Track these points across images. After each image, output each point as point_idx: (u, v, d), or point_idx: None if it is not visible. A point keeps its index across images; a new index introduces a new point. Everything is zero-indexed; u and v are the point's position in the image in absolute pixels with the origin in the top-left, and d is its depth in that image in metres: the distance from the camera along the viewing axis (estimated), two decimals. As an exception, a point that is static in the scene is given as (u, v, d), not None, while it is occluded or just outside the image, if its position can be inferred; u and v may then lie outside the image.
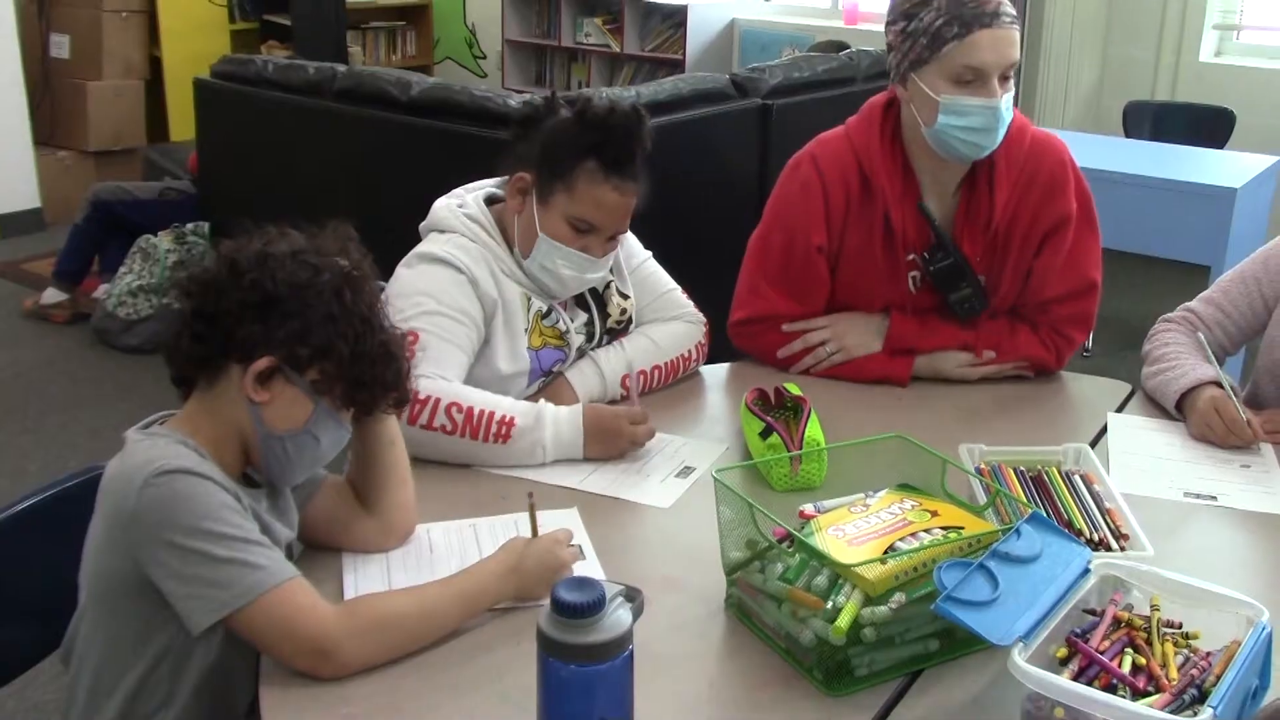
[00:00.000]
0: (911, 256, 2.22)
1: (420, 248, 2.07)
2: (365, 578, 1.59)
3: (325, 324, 1.46)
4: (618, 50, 7.62)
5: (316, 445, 1.52)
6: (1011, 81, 2.10)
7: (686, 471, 1.91)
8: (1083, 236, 2.25)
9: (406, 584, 1.56)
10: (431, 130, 3.97)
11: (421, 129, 4.01)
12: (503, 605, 1.52)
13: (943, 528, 1.48)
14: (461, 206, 2.11)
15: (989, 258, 2.22)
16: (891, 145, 2.20)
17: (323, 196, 4.35)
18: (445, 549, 1.67)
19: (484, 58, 8.48)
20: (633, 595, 1.16)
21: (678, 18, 7.28)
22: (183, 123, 6.44)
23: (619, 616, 1.09)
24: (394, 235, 2.16)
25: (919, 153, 2.18)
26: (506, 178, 2.15)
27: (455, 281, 2.00)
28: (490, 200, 2.15)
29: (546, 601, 1.11)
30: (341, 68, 4.39)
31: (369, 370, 1.49)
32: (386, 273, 2.14)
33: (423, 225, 2.13)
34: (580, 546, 1.65)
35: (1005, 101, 2.08)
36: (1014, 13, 2.08)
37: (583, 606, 1.07)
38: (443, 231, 2.08)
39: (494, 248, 2.07)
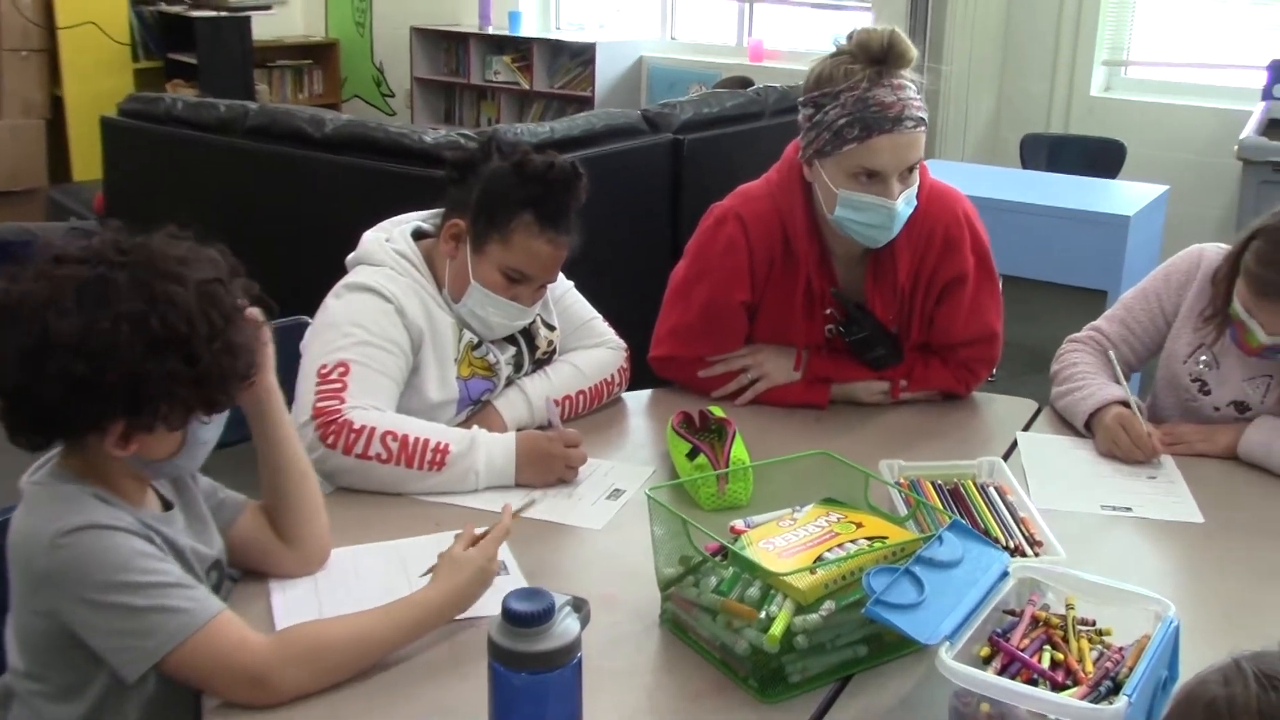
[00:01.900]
0: (829, 310, 2.28)
1: (348, 279, 2.09)
2: (295, 601, 1.61)
3: (147, 381, 1.36)
4: (527, 88, 7.68)
5: (202, 444, 1.49)
6: (916, 171, 2.13)
7: (616, 494, 1.95)
8: (981, 289, 2.32)
9: (335, 607, 1.57)
10: (347, 167, 3.98)
11: (337, 165, 4.02)
12: None
13: (868, 538, 1.54)
14: (389, 241, 2.14)
15: (899, 314, 2.29)
16: (810, 212, 2.23)
17: (236, 234, 4.30)
18: (370, 571, 1.69)
19: (392, 95, 8.49)
20: (579, 605, 1.19)
21: (586, 55, 7.37)
22: (86, 162, 6.36)
23: (568, 625, 1.13)
24: (310, 271, 2.18)
25: (828, 222, 2.20)
26: (434, 212, 2.19)
27: (383, 311, 2.02)
28: (418, 234, 2.18)
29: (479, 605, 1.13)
30: (253, 105, 4.37)
31: (218, 386, 1.42)
32: (303, 309, 2.16)
33: (350, 258, 2.15)
34: (504, 563, 1.69)
35: (905, 197, 2.10)
36: (920, 115, 2.08)
37: (533, 615, 1.10)
38: (371, 264, 2.10)
39: (422, 283, 2.10)
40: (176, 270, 1.40)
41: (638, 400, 2.38)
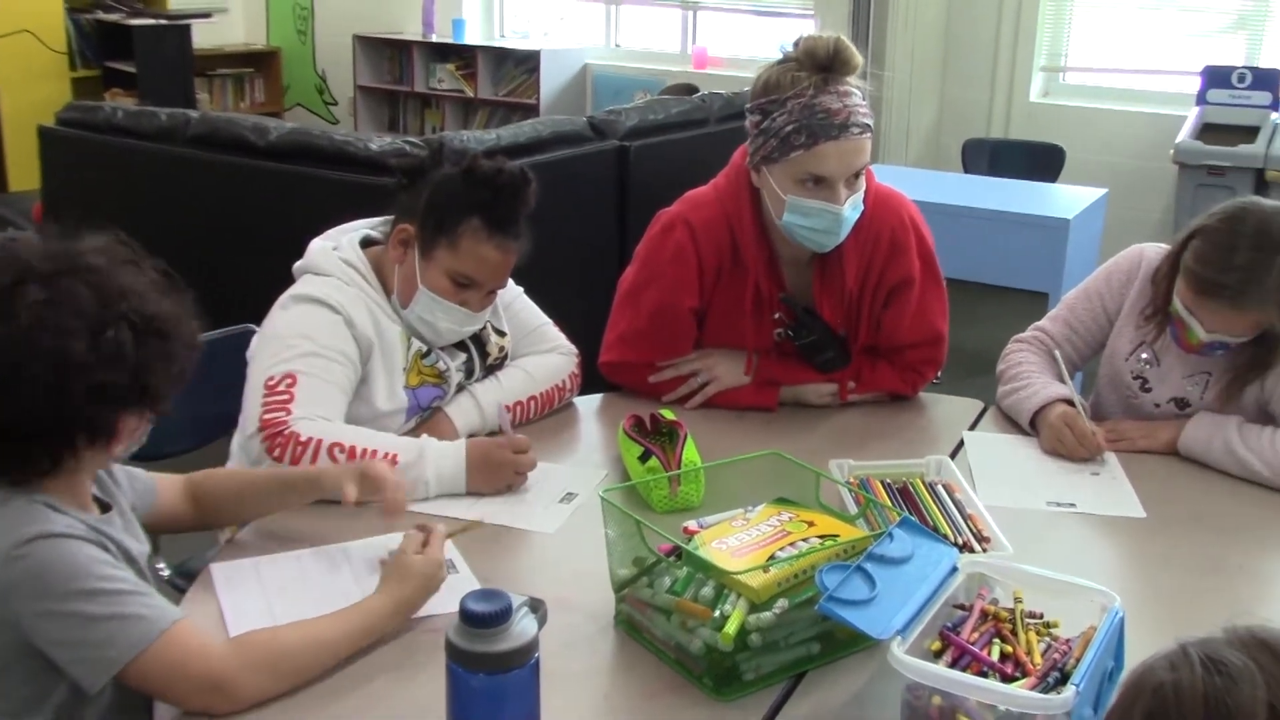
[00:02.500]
0: (777, 315, 2.30)
1: (295, 289, 2.07)
2: (245, 605, 1.61)
3: (148, 368, 1.41)
4: (472, 95, 7.67)
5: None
6: (863, 177, 2.15)
7: (569, 497, 1.95)
8: (927, 291, 2.35)
9: (285, 610, 1.57)
10: (291, 175, 3.95)
11: (281, 174, 3.99)
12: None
13: (819, 536, 1.56)
14: (336, 249, 2.13)
15: (846, 317, 2.31)
16: (758, 218, 2.24)
17: (178, 243, 4.26)
18: (318, 572, 1.70)
19: (335, 104, 8.44)
20: (537, 605, 1.20)
21: (531, 63, 7.38)
22: (23, 172, 6.27)
23: (525, 625, 1.13)
24: (255, 279, 2.17)
25: (776, 228, 2.22)
26: (383, 219, 2.18)
27: (331, 322, 2.01)
28: (366, 242, 2.17)
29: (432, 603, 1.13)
30: (195, 114, 4.33)
31: (159, 398, 1.45)
32: (249, 318, 2.14)
33: (297, 266, 2.14)
34: (452, 561, 1.70)
35: (852, 202, 2.12)
36: (866, 122, 2.10)
37: (490, 616, 1.10)
38: (318, 274, 2.09)
39: (370, 292, 2.09)
40: (93, 270, 1.42)
41: (589, 405, 2.39)
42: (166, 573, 2.27)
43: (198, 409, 2.34)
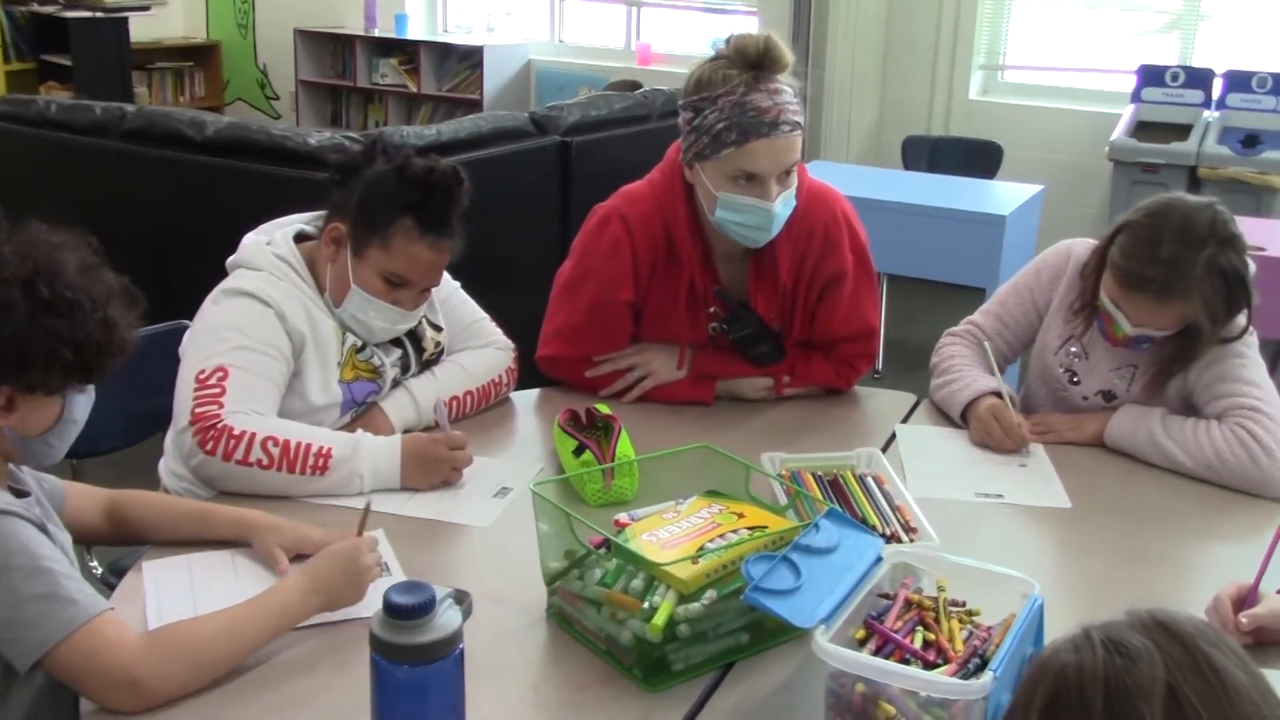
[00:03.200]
0: (713, 309, 2.31)
1: (226, 283, 2.06)
2: (170, 602, 1.60)
3: (33, 339, 1.41)
4: (415, 90, 7.63)
5: (75, 425, 1.53)
6: (794, 173, 2.16)
7: (504, 492, 1.96)
8: (860, 286, 2.37)
9: (209, 605, 1.55)
10: (229, 170, 3.92)
11: (219, 169, 3.96)
12: (318, 622, 1.54)
13: (748, 527, 1.57)
14: (270, 244, 2.11)
15: (781, 311, 2.33)
16: (692, 212, 2.25)
17: (115, 239, 4.21)
18: (249, 570, 1.69)
19: (277, 98, 8.37)
20: (461, 597, 1.21)
21: (474, 59, 7.35)
22: (-44, 167, 6.14)
23: (449, 617, 1.14)
24: (191, 275, 2.15)
25: (710, 223, 2.23)
26: (317, 214, 2.17)
27: (263, 315, 2.00)
28: (300, 237, 2.16)
29: (361, 607, 1.14)
30: (130, 107, 4.28)
31: (96, 353, 1.46)
32: (186, 314, 2.13)
33: (230, 261, 2.12)
34: (386, 564, 1.69)
35: (783, 198, 2.14)
36: (796, 119, 2.11)
37: (413, 608, 1.11)
38: (250, 269, 2.07)
39: (303, 287, 2.08)
40: (58, 246, 1.46)
41: (526, 399, 2.39)
42: (99, 570, 2.25)
43: (132, 405, 2.33)
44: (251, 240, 2.14)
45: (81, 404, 1.53)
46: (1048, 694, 0.91)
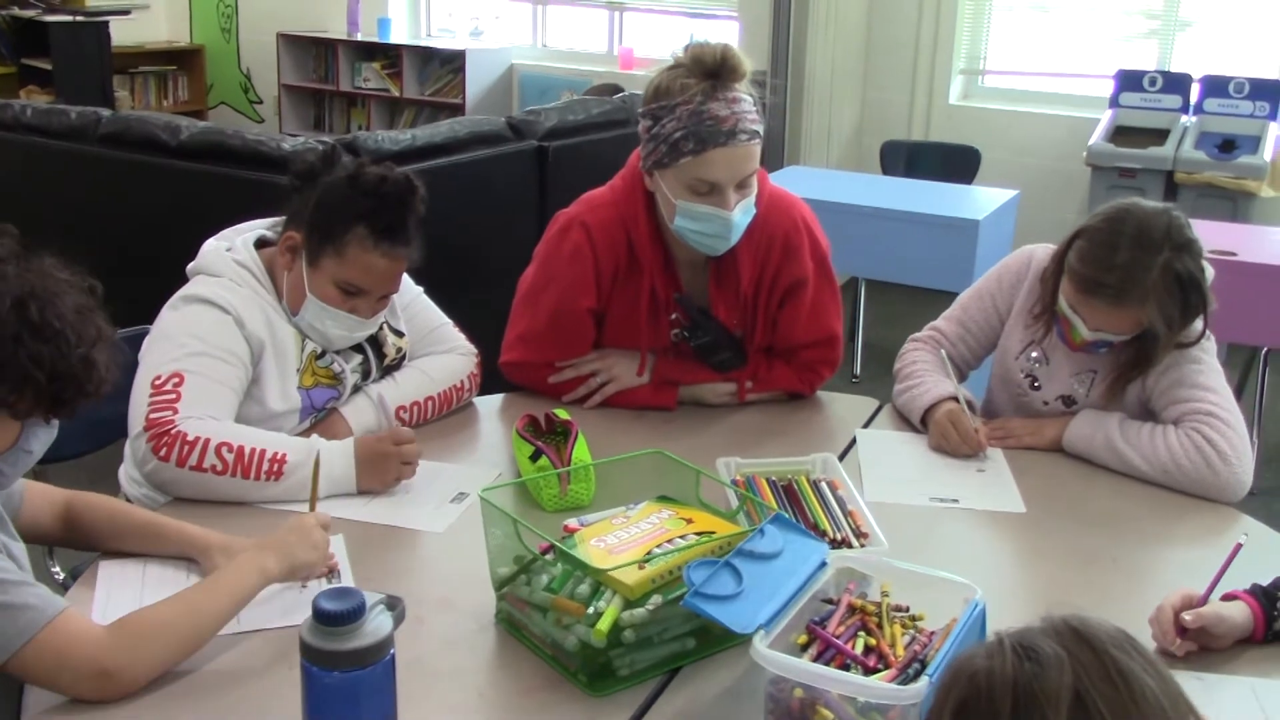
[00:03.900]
0: (674, 316, 2.32)
1: (185, 289, 2.06)
2: (116, 598, 1.61)
3: (12, 358, 1.39)
4: (397, 95, 7.63)
5: (29, 455, 1.51)
6: (753, 182, 2.17)
7: (460, 497, 1.96)
8: (821, 292, 2.37)
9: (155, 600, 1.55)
10: (203, 174, 3.92)
11: (193, 173, 3.96)
12: (275, 626, 1.54)
13: (697, 533, 1.58)
14: (230, 250, 2.12)
15: (742, 317, 2.34)
16: (653, 220, 2.25)
17: (90, 243, 4.21)
18: (200, 572, 1.69)
19: (260, 102, 8.36)
20: (394, 604, 1.21)
21: (456, 63, 7.36)
22: (-65, 171, 6.13)
23: (379, 623, 1.14)
24: (167, 281, 2.15)
25: (671, 230, 2.23)
26: (277, 219, 2.17)
27: (221, 322, 2.00)
28: (261, 243, 2.16)
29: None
30: (106, 112, 4.28)
31: (69, 387, 1.44)
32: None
33: (190, 267, 2.12)
34: (338, 570, 1.70)
35: (742, 207, 2.14)
36: (755, 128, 2.11)
37: (342, 614, 1.11)
38: (210, 275, 2.08)
39: (262, 293, 2.08)
40: (61, 281, 1.46)
41: (490, 405, 2.40)
42: (60, 575, 2.25)
43: (95, 411, 2.32)
44: (211, 246, 2.14)
45: (41, 437, 1.51)
46: (958, 700, 0.92)
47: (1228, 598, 1.63)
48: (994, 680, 0.90)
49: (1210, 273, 2.16)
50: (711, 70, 2.09)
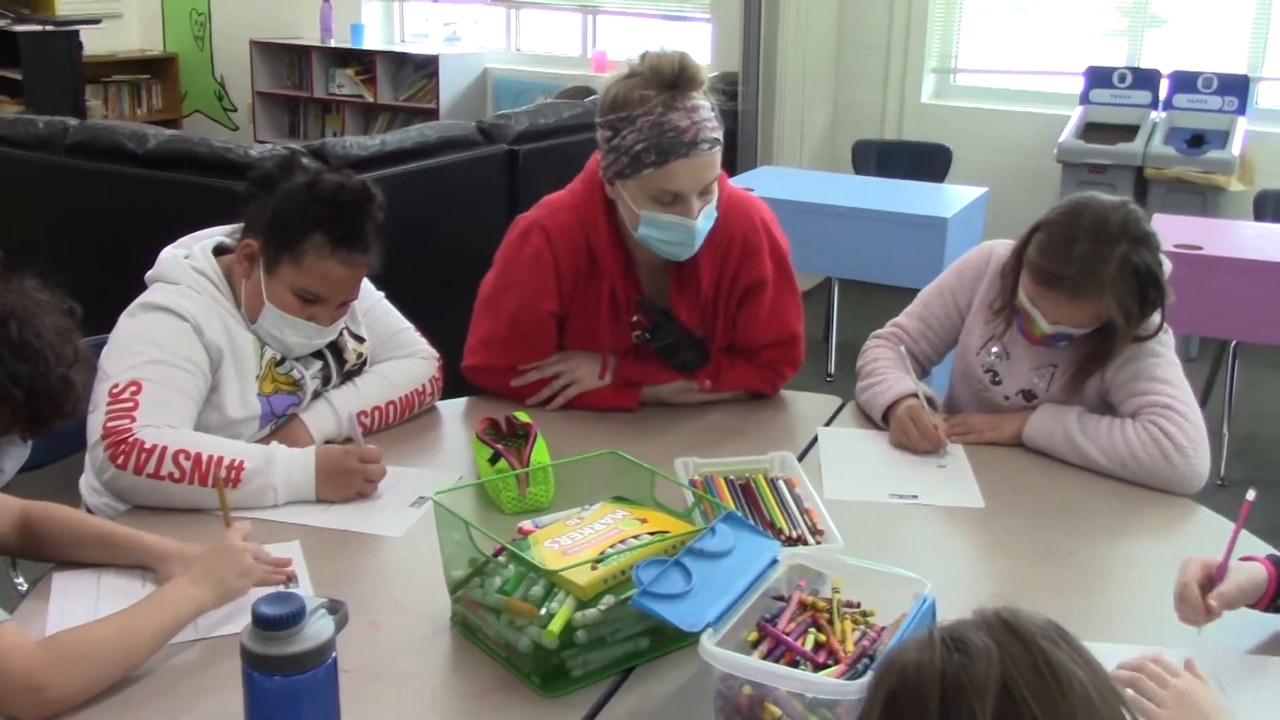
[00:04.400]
0: (636, 318, 2.32)
1: (143, 297, 2.06)
2: (72, 609, 1.60)
3: None
4: (371, 100, 7.62)
5: (1, 474, 1.52)
6: (714, 187, 2.17)
7: (420, 502, 1.96)
8: (781, 293, 2.38)
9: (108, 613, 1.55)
10: (170, 183, 3.91)
11: (160, 182, 3.95)
12: (219, 635, 1.53)
13: (650, 533, 1.58)
14: (188, 258, 2.11)
15: (703, 318, 2.34)
16: (613, 223, 2.25)
17: (58, 253, 4.20)
18: (156, 580, 1.68)
19: (234, 110, 8.34)
20: (336, 607, 1.21)
21: (430, 68, 7.35)
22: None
23: (320, 627, 1.14)
24: (136, 289, 2.14)
25: (632, 234, 2.23)
26: (235, 226, 2.17)
27: (179, 329, 2.00)
28: (220, 250, 2.16)
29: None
30: (74, 121, 4.26)
31: (47, 406, 1.47)
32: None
33: (148, 275, 2.12)
34: (295, 576, 1.70)
35: (705, 213, 2.15)
36: (715, 136, 2.12)
37: (282, 619, 1.11)
38: (168, 282, 2.07)
39: (221, 300, 2.08)
40: (41, 302, 1.49)
41: (453, 409, 2.39)
42: (24, 586, 2.24)
43: (57, 421, 2.32)
44: (169, 254, 2.13)
45: (14, 456, 1.53)
46: (888, 692, 0.93)
47: (1245, 560, 1.62)
48: (922, 672, 0.91)
49: (1168, 266, 2.18)
50: (670, 80, 2.08)
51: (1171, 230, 4.16)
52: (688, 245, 2.18)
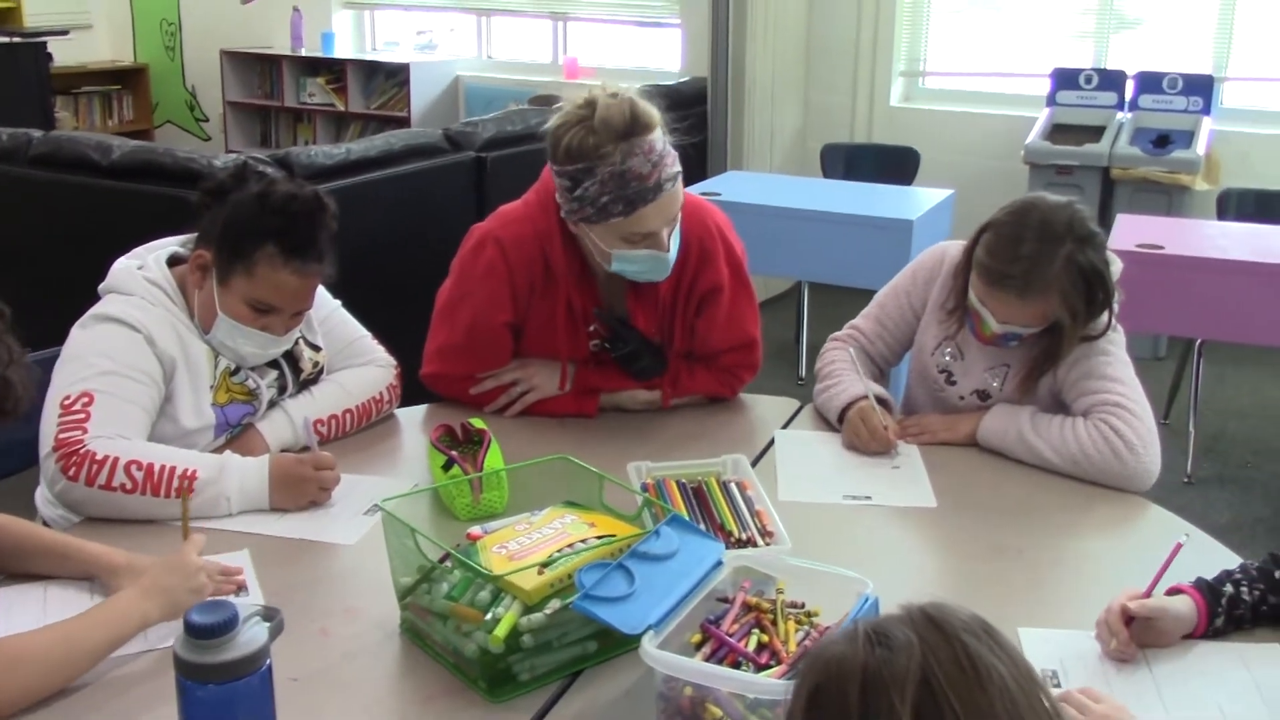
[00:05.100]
0: (593, 328, 2.33)
1: (96, 308, 2.06)
2: (18, 621, 1.59)
3: None
4: (343, 109, 7.62)
5: None
6: (679, 214, 2.18)
7: (375, 510, 1.96)
8: (738, 298, 2.39)
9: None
10: (135, 193, 3.90)
11: (125, 192, 3.94)
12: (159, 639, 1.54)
13: (598, 537, 1.59)
14: (142, 269, 2.11)
15: (661, 325, 2.35)
16: (568, 234, 2.24)
17: (23, 265, 4.19)
18: (103, 592, 1.68)
19: (206, 120, 8.33)
20: (270, 614, 1.21)
21: (401, 76, 7.35)
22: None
23: (253, 634, 1.14)
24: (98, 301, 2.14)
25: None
26: (189, 236, 2.17)
27: (131, 340, 1.99)
28: (175, 260, 2.16)
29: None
30: (38, 133, 4.25)
31: None
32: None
33: (102, 286, 2.11)
34: (246, 585, 1.70)
35: (673, 238, 2.16)
36: (675, 171, 2.11)
37: (213, 627, 1.11)
38: (121, 294, 2.07)
39: (175, 310, 2.07)
40: None
41: (412, 416, 2.40)
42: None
43: (12, 433, 2.31)
44: (123, 265, 2.13)
45: None
46: (812, 685, 0.94)
47: (1171, 592, 1.63)
48: (844, 666, 0.92)
49: (1117, 265, 2.19)
50: (624, 131, 2.06)
51: (1134, 230, 4.19)
52: (661, 270, 2.20)
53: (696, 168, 5.79)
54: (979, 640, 0.94)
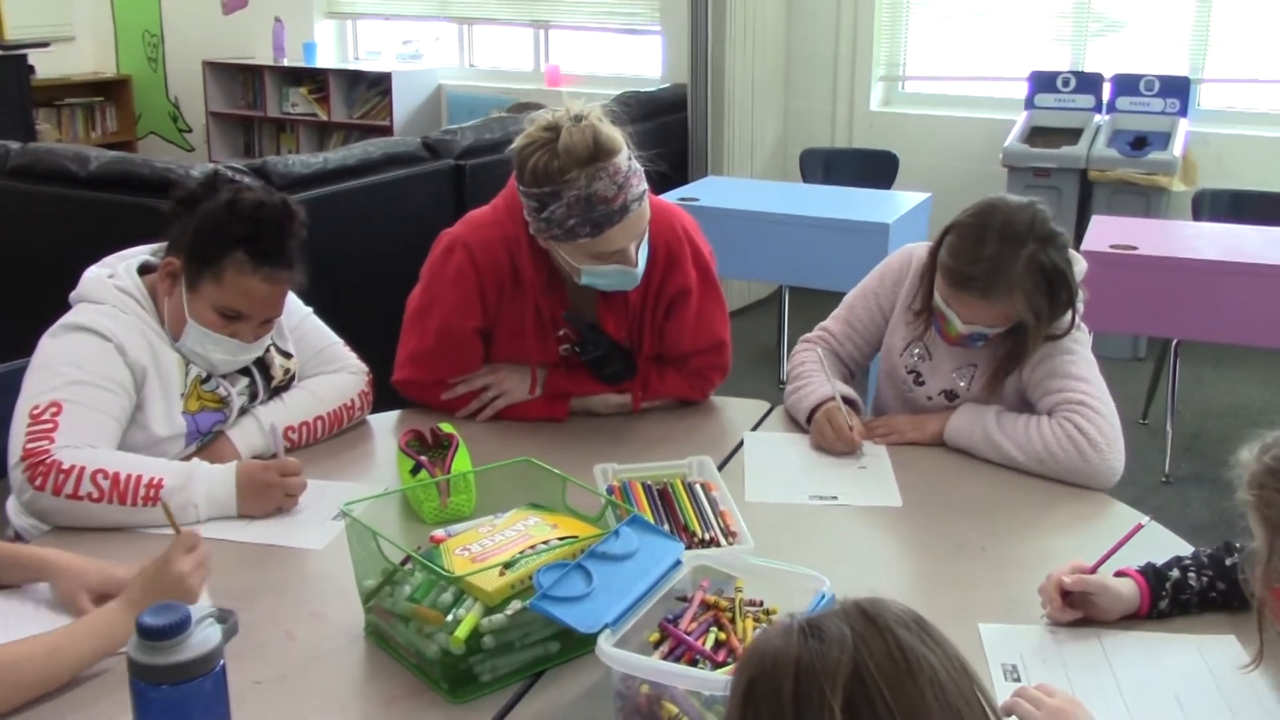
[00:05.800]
0: (563, 333, 2.35)
1: (66, 317, 2.07)
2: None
3: None
4: (326, 119, 7.63)
5: None
6: (646, 228, 2.19)
7: (343, 515, 1.97)
8: (706, 300, 2.40)
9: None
10: (113, 204, 3.91)
11: (103, 203, 3.94)
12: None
13: (560, 538, 1.60)
14: (112, 277, 2.12)
15: (630, 329, 2.37)
16: (535, 240, 2.24)
17: (5, 277, 4.20)
18: (51, 617, 1.65)
19: (189, 131, 8.33)
20: (225, 616, 1.22)
21: (383, 85, 7.36)
22: None
23: (206, 635, 1.15)
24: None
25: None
26: (161, 244, 2.18)
27: (101, 349, 2.00)
28: (145, 269, 2.17)
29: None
30: (15, 145, 4.26)
31: None
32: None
33: (72, 295, 2.12)
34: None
35: (642, 250, 2.18)
36: (641, 189, 2.12)
37: (164, 629, 1.12)
38: (92, 302, 2.08)
39: (146, 319, 2.08)
40: None
41: (384, 422, 2.41)
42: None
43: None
44: (93, 274, 2.14)
45: None
46: (748, 678, 0.95)
47: (1119, 574, 1.69)
48: (779, 658, 0.93)
49: (1081, 265, 2.22)
50: (587, 158, 2.06)
51: (1110, 231, 4.22)
52: (630, 283, 2.22)
53: (678, 174, 5.82)
54: (910, 632, 0.96)
